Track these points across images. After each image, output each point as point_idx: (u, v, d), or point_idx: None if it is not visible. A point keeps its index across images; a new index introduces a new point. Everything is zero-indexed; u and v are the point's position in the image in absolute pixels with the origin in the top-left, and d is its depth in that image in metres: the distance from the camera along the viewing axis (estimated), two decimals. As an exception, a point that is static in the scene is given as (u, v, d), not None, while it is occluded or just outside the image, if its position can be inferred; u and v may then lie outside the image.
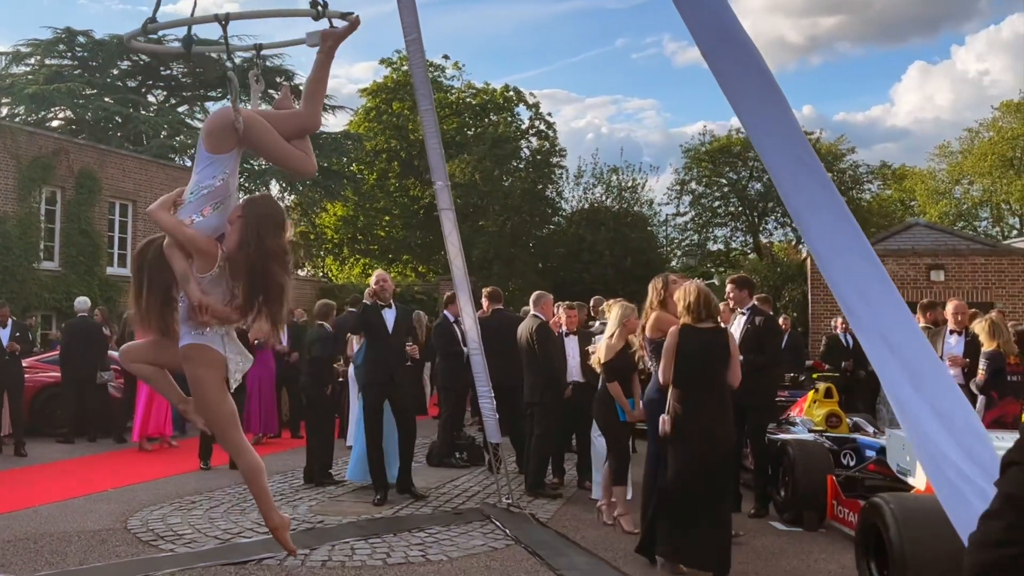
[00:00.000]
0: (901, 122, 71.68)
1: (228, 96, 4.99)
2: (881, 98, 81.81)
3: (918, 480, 7.20)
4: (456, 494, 9.92)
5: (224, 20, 4.98)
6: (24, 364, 13.59)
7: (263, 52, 6.02)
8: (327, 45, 5.31)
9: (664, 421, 6.73)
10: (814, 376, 13.69)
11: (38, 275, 20.82)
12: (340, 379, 12.30)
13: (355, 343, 10.93)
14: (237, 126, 4.90)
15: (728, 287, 9.48)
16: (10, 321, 13.21)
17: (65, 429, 13.93)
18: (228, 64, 5.08)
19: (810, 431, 9.70)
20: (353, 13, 5.31)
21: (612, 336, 8.15)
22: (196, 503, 9.19)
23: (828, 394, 10.77)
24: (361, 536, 7.83)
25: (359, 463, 10.07)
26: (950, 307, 10.59)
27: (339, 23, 5.30)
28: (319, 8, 5.16)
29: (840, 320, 16.30)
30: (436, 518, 8.67)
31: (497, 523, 8.40)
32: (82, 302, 14.93)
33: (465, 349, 11.54)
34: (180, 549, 7.43)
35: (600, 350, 8.22)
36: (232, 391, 5.13)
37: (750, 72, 3.12)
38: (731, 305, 9.34)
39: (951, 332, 10.39)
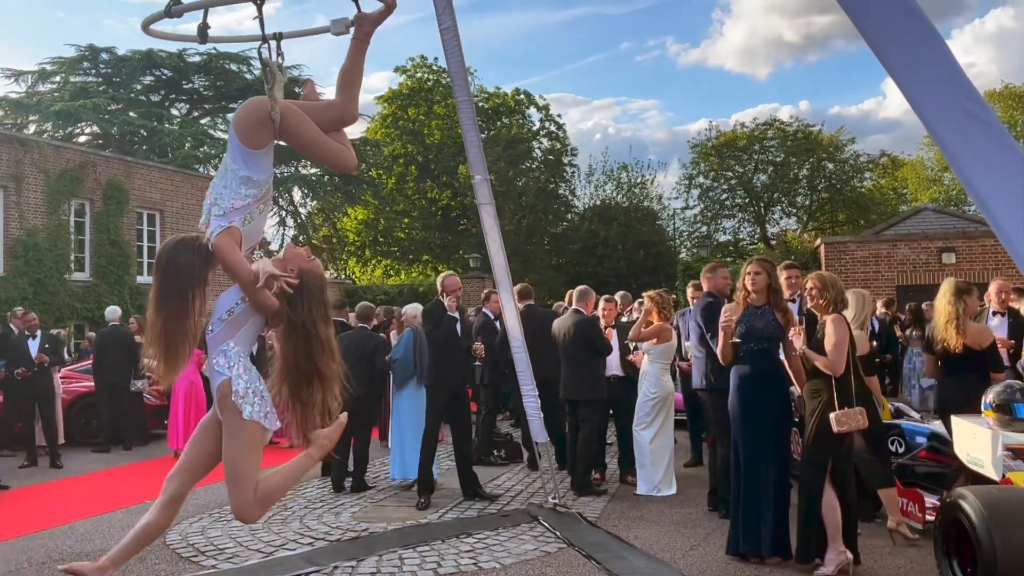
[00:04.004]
0: (893, 113, 71.08)
1: (266, 84, 4.32)
2: (873, 91, 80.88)
3: (989, 470, 6.53)
4: (499, 494, 9.27)
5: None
6: (59, 374, 13.07)
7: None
8: (363, 31, 4.67)
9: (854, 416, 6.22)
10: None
11: (69, 286, 20.31)
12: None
13: (394, 339, 10.30)
14: (273, 116, 4.28)
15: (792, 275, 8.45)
16: (39, 332, 12.68)
17: (100, 438, 13.37)
18: (263, 49, 4.43)
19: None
20: None
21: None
22: (236, 513, 8.56)
23: (868, 380, 10.06)
24: (409, 544, 7.20)
25: (400, 461, 9.65)
26: (993, 287, 9.85)
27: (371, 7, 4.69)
28: None
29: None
30: (484, 522, 8.02)
31: (546, 525, 7.76)
32: (112, 311, 14.39)
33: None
34: (222, 564, 6.79)
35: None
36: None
37: (897, 12, 2.48)
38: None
39: (994, 313, 9.68)
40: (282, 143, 4.61)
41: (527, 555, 6.89)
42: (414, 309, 10.29)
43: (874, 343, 14.29)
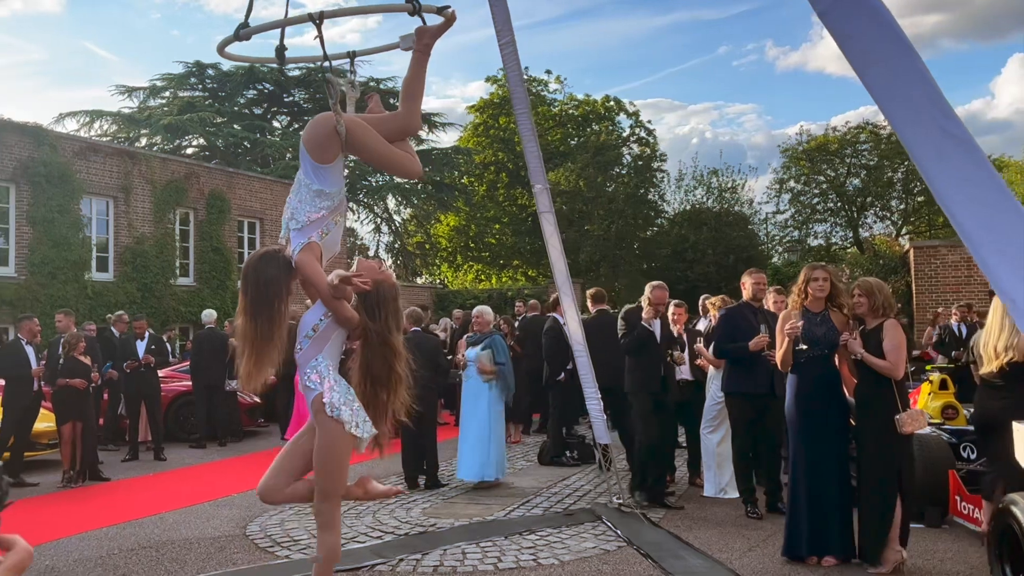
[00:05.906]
0: (1002, 114, 68.27)
1: (330, 100, 4.54)
2: (981, 91, 78.05)
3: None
4: (567, 493, 9.42)
5: (318, 19, 4.54)
6: (160, 374, 13.68)
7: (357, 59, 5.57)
8: (423, 43, 4.82)
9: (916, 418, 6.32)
10: (927, 368, 12.69)
11: (175, 290, 21.15)
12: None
13: (463, 344, 10.52)
14: (339, 130, 4.47)
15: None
16: (147, 334, 13.30)
17: (197, 435, 13.95)
18: (326, 65, 4.65)
19: (927, 424, 8.85)
20: (448, 7, 4.84)
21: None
22: (314, 507, 8.87)
23: (943, 386, 9.85)
24: (472, 540, 7.39)
25: (469, 461, 9.85)
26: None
27: (434, 19, 4.85)
28: (414, 3, 4.71)
29: (954, 310, 15.25)
30: (547, 520, 8.17)
31: (608, 524, 7.87)
32: (208, 314, 15.00)
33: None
34: (295, 555, 7.09)
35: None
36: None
37: (878, 33, 2.56)
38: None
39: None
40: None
41: (586, 552, 7.01)
42: (489, 313, 10.52)
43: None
